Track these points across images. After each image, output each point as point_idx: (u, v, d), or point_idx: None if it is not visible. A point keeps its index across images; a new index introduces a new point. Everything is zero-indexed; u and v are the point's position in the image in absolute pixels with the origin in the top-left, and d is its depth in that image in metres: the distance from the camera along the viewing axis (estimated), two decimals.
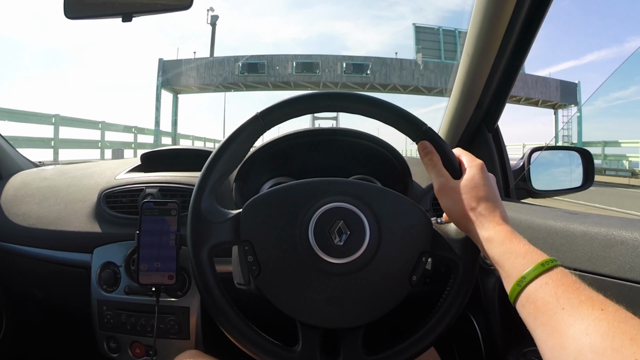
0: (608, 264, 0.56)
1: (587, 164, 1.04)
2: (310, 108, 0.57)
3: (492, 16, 0.78)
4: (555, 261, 0.43)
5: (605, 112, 11.24)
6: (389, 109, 0.56)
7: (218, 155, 0.56)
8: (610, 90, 5.91)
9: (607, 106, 9.59)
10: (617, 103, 12.52)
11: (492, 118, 0.98)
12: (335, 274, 0.53)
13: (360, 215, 0.54)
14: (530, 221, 0.72)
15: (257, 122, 0.56)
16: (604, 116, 12.83)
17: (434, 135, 0.56)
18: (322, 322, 0.54)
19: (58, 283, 1.00)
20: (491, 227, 0.49)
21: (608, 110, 11.78)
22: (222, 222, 0.55)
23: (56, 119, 9.37)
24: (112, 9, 0.86)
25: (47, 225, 0.96)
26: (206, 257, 0.54)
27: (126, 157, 11.31)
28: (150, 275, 0.76)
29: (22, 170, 1.20)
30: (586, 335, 0.35)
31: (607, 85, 0.88)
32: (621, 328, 0.34)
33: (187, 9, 0.81)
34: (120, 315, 0.88)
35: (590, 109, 4.74)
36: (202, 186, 0.55)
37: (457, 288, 0.55)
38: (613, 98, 10.20)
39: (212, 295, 0.54)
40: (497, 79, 0.89)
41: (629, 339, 0.33)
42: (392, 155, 0.92)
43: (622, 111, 15.33)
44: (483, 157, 0.94)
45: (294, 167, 0.94)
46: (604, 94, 5.78)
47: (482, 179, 0.53)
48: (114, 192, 0.95)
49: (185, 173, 0.99)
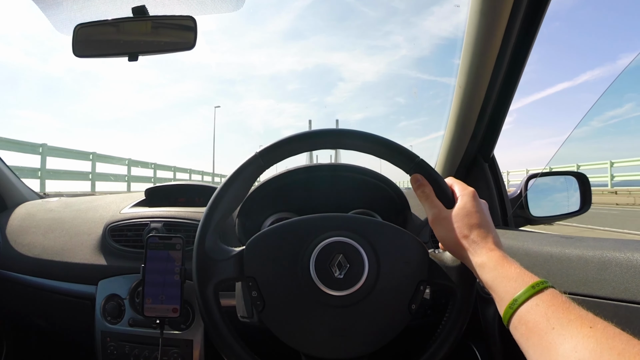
0: (603, 286, 0.57)
1: (583, 187, 1.04)
2: (305, 146, 0.59)
3: (482, 48, 0.81)
4: (545, 283, 0.44)
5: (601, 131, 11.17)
6: (383, 143, 0.58)
7: (220, 195, 0.58)
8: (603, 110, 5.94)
9: (602, 125, 9.53)
10: (612, 122, 12.49)
11: (487, 148, 1.00)
12: (337, 306, 0.54)
13: (358, 249, 0.56)
14: (527, 248, 0.73)
15: (256, 161, 0.58)
16: (600, 136, 12.77)
17: (427, 167, 0.58)
18: (326, 354, 0.55)
19: (62, 313, 1.01)
20: (484, 253, 0.51)
21: (604, 130, 11.70)
22: (226, 260, 0.57)
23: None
24: (119, 49, 0.90)
25: (53, 256, 0.97)
26: (212, 293, 0.56)
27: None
28: (155, 308, 0.77)
29: (27, 200, 1.22)
30: (575, 352, 0.36)
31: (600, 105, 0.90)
32: (609, 344, 0.35)
33: (191, 49, 0.85)
34: (124, 346, 0.88)
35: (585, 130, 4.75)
36: (205, 226, 0.57)
37: (456, 314, 0.57)
38: (607, 117, 10.19)
39: (219, 330, 0.55)
40: (491, 109, 0.91)
41: (616, 354, 0.34)
42: (391, 189, 0.94)
43: (617, 130, 15.16)
44: (480, 187, 0.96)
45: (295, 203, 0.95)
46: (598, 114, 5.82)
47: (473, 206, 0.54)
48: (119, 226, 0.97)
49: (189, 208, 1.01)
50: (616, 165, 13.47)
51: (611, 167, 13.43)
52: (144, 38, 0.89)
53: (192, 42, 0.83)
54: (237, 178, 0.58)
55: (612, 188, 12.97)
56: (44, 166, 8.98)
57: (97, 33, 0.91)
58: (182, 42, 0.85)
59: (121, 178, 12.57)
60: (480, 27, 0.78)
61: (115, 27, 0.90)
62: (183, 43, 0.85)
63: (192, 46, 0.84)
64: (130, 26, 0.88)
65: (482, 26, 0.78)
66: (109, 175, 12.03)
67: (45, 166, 9.01)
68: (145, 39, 0.89)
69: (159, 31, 0.87)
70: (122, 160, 12.73)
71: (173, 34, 0.87)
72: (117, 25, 0.89)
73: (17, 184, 1.24)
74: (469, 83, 0.87)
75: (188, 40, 0.84)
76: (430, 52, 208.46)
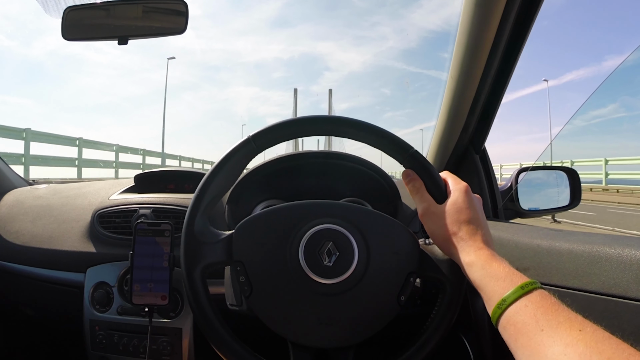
0: (593, 280, 0.57)
1: (573, 182, 1.05)
2: (300, 132, 0.59)
3: (476, 39, 0.80)
4: (535, 283, 0.44)
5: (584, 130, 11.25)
6: (377, 132, 0.58)
7: (211, 177, 0.57)
8: (589, 109, 5.98)
9: (586, 125, 9.59)
10: (596, 121, 12.66)
11: (479, 140, 1.00)
12: (325, 294, 0.54)
13: (349, 237, 0.55)
14: (517, 240, 0.73)
15: (248, 145, 0.57)
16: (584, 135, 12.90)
17: (421, 158, 0.58)
18: (313, 342, 0.55)
19: (50, 302, 1.00)
20: (472, 251, 0.50)
21: (587, 129, 11.80)
22: (214, 243, 0.56)
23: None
24: (109, 32, 0.89)
25: (41, 244, 0.96)
26: (199, 277, 0.55)
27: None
28: (144, 295, 0.76)
29: (15, 187, 1.20)
30: (564, 356, 0.36)
31: (588, 104, 0.91)
32: (598, 348, 0.35)
33: (182, 33, 0.84)
34: (113, 335, 0.87)
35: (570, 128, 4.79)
36: (195, 208, 0.56)
37: (446, 307, 0.56)
38: (592, 116, 10.31)
39: (205, 314, 0.54)
40: (483, 101, 0.91)
41: (605, 358, 0.34)
42: (382, 178, 0.94)
43: (601, 129, 15.34)
44: (471, 179, 0.96)
45: (285, 190, 0.95)
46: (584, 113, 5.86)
47: (465, 202, 0.54)
48: (107, 213, 0.96)
49: (178, 195, 1.00)
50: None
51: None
52: (134, 22, 0.87)
53: (183, 27, 0.82)
54: (228, 161, 0.57)
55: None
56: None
57: (87, 16, 0.89)
58: (173, 27, 0.84)
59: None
60: (475, 17, 0.77)
61: (106, 10, 0.88)
62: (174, 27, 0.84)
63: (182, 30, 0.83)
64: (121, 9, 0.87)
65: (476, 16, 0.77)
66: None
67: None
68: (136, 23, 0.88)
69: (150, 15, 0.86)
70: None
71: (164, 19, 0.86)
72: (107, 8, 0.88)
73: (5, 170, 1.22)
74: (461, 74, 0.86)
75: (179, 24, 0.83)
76: (417, 44, 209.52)
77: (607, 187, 12.85)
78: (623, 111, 10.38)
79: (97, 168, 11.71)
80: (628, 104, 9.45)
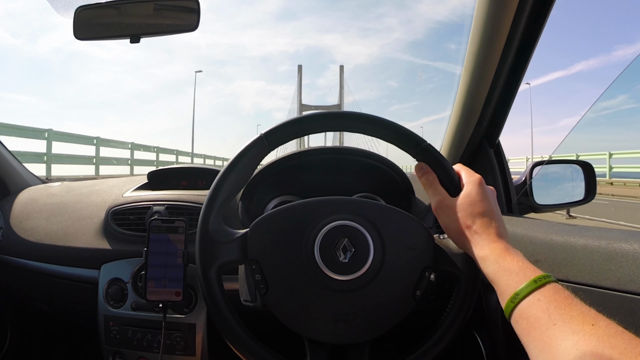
0: (609, 276, 0.56)
1: (588, 176, 1.03)
2: (312, 128, 0.59)
3: (491, 33, 0.80)
4: (548, 277, 0.43)
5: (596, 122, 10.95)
6: (389, 126, 0.58)
7: (224, 176, 0.57)
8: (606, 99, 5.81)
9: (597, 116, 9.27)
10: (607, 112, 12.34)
11: (493, 133, 0.99)
12: (341, 290, 0.54)
13: (364, 233, 0.55)
14: (532, 236, 0.72)
15: (261, 142, 0.57)
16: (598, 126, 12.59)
17: (434, 152, 0.57)
18: (329, 339, 0.55)
19: (65, 298, 1.01)
20: (486, 245, 0.50)
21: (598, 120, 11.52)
22: (229, 242, 0.56)
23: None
24: (121, 31, 0.89)
25: (55, 241, 0.97)
26: (215, 276, 0.55)
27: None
28: (158, 292, 0.77)
29: (29, 186, 1.22)
30: (576, 350, 0.36)
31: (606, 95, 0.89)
32: (611, 342, 0.35)
33: (194, 30, 0.84)
34: (127, 330, 0.89)
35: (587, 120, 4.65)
36: (209, 207, 0.56)
37: (460, 301, 0.56)
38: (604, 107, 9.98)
39: (221, 313, 0.55)
40: (497, 95, 0.90)
41: (618, 352, 0.34)
42: (395, 173, 0.93)
43: (613, 120, 14.96)
44: (485, 173, 0.95)
45: (298, 186, 0.95)
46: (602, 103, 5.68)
47: (479, 194, 0.53)
48: (121, 210, 0.97)
49: (191, 191, 1.01)
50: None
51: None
52: (146, 20, 0.88)
53: (195, 24, 0.82)
54: (241, 159, 0.57)
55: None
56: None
57: (99, 15, 0.90)
58: (184, 24, 0.84)
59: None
60: (489, 11, 0.77)
61: (117, 9, 0.88)
62: (186, 25, 0.84)
63: (195, 28, 0.83)
64: (132, 8, 0.87)
65: (491, 10, 0.76)
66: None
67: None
68: (148, 21, 0.88)
69: (161, 13, 0.86)
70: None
71: (176, 16, 0.86)
72: (118, 7, 0.88)
73: (19, 169, 1.23)
74: (476, 68, 0.85)
75: (191, 22, 0.83)
76: (424, 36, 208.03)
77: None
78: (633, 102, 10.15)
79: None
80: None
